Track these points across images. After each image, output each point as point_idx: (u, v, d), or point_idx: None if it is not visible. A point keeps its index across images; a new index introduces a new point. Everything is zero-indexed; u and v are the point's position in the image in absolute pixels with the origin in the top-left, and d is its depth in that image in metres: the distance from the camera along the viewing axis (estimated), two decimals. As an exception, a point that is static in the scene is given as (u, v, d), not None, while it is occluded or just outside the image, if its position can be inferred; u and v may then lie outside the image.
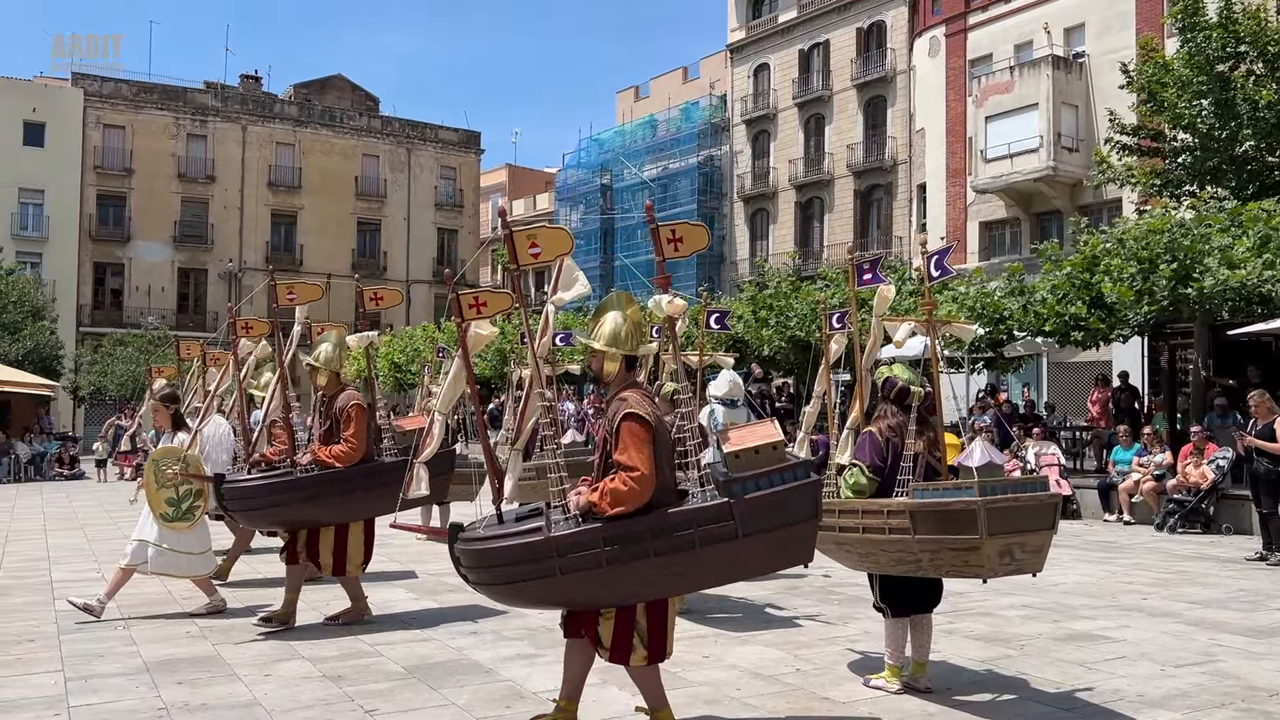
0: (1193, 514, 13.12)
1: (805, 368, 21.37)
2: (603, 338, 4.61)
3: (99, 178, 45.25)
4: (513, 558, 4.37)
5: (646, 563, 4.28)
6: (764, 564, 4.74)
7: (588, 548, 4.29)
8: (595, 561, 4.28)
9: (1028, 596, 8.29)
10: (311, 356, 7.32)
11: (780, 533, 4.38)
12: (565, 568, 4.30)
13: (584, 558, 4.28)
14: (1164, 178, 19.80)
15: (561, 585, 4.36)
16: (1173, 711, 5.15)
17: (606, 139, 49.56)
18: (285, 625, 7.07)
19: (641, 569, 4.30)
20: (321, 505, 7.09)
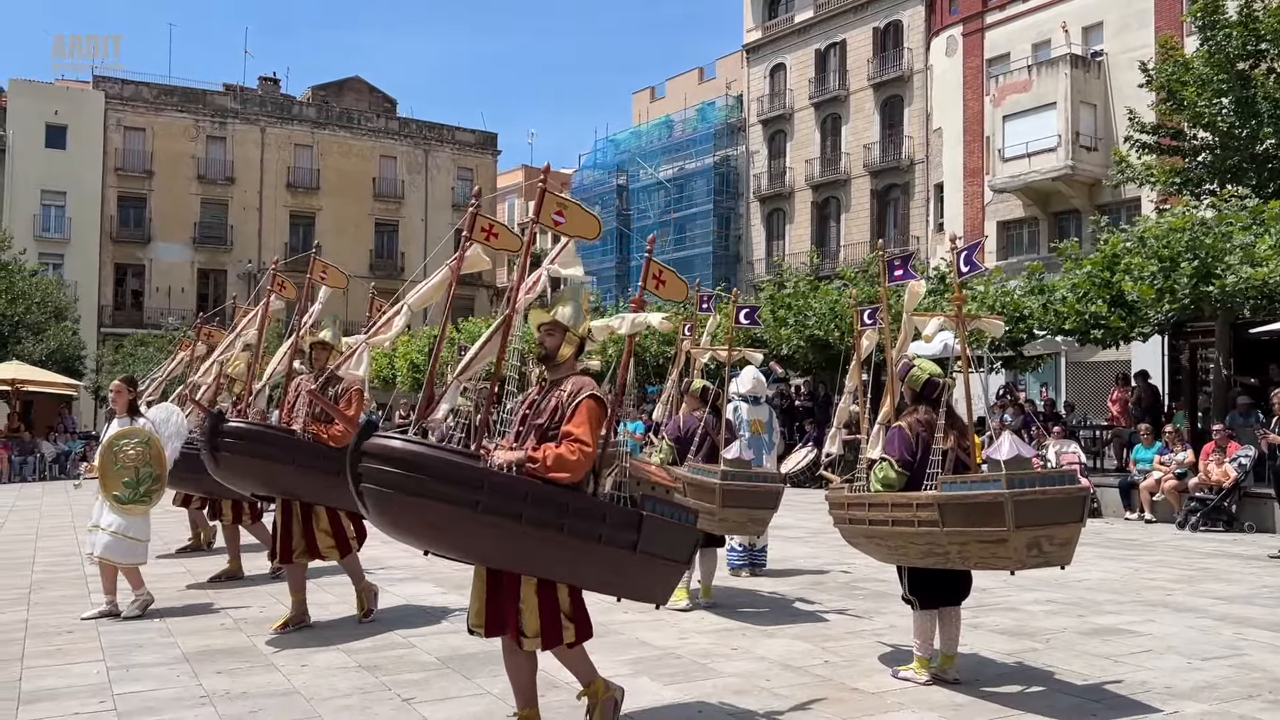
0: (1215, 512, 13.11)
1: (823, 367, 21.46)
2: (567, 316, 4.60)
3: (120, 179, 45.64)
4: (440, 471, 4.05)
5: (553, 536, 4.16)
6: (633, 586, 4.61)
7: (515, 497, 4.10)
8: (514, 513, 4.08)
9: (1051, 592, 8.33)
10: (324, 336, 7.29)
11: (661, 564, 4.47)
12: (485, 506, 4.05)
13: (507, 504, 4.08)
14: (1184, 176, 19.75)
15: (467, 523, 4.08)
16: (1201, 703, 5.19)
17: (622, 139, 49.67)
18: (301, 624, 7.02)
19: (547, 540, 4.17)
20: (311, 479, 6.83)
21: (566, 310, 4.63)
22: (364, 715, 5.00)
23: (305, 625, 7.02)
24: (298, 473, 6.81)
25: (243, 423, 7.16)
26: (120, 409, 7.73)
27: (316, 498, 7.00)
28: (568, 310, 4.63)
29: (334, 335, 7.36)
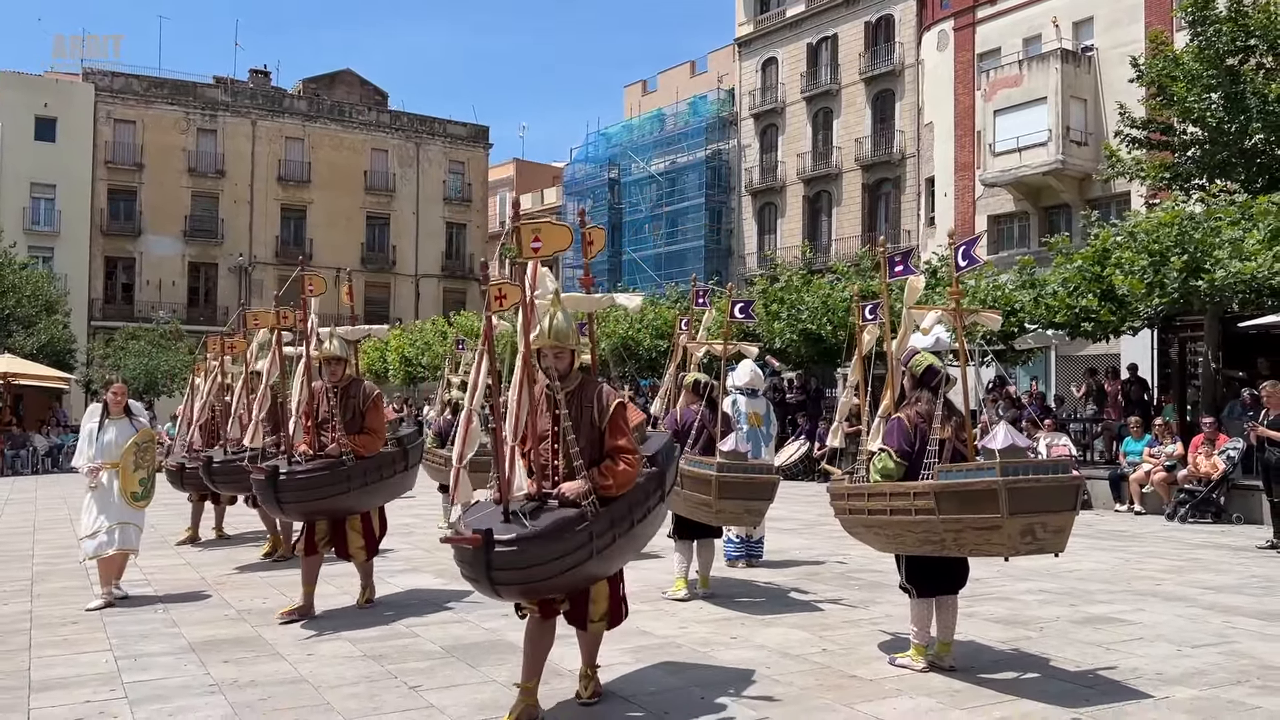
0: (1203, 504, 13.26)
1: (815, 361, 21.59)
2: (568, 335, 4.84)
3: (110, 172, 45.48)
4: (569, 544, 4.48)
5: (626, 534, 4.82)
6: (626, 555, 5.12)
7: (612, 526, 4.70)
8: (613, 538, 4.71)
9: (1043, 582, 8.46)
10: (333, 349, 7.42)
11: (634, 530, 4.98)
12: (599, 548, 4.61)
13: (609, 535, 4.68)
14: (1173, 171, 19.90)
15: (590, 565, 4.62)
16: (1192, 688, 5.31)
17: (614, 133, 49.65)
18: (306, 616, 7.10)
19: (625, 542, 4.85)
20: (368, 492, 7.29)
21: (563, 329, 4.83)
22: (372, 703, 5.08)
23: (310, 617, 7.10)
24: (354, 495, 7.20)
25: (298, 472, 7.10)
26: (120, 411, 7.86)
27: (365, 506, 7.38)
28: (564, 328, 4.83)
29: (342, 347, 7.51)
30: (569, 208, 52.10)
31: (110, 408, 7.87)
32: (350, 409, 7.32)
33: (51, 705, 5.04)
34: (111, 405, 7.89)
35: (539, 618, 4.82)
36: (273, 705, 5.03)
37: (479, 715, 4.87)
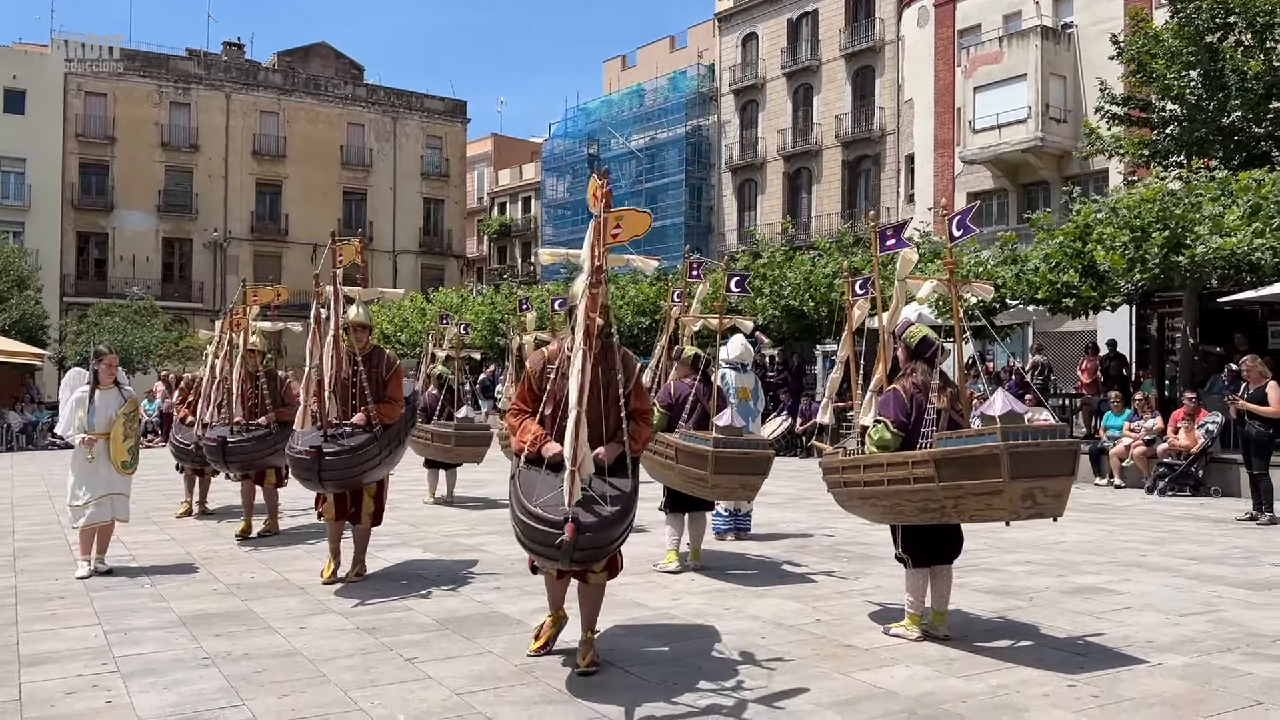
0: (1182, 477, 13.41)
1: (797, 337, 21.63)
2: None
3: (81, 146, 44.78)
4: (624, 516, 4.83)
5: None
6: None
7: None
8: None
9: (1030, 553, 8.53)
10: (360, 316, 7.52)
11: None
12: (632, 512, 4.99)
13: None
14: (1152, 148, 20.00)
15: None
16: (1183, 655, 5.37)
17: (593, 108, 49.37)
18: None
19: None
20: (389, 460, 7.45)
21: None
22: (369, 675, 5.05)
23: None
24: (383, 463, 7.36)
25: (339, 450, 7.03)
26: (110, 381, 7.77)
27: (384, 474, 7.55)
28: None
29: (365, 313, 7.59)
30: (547, 184, 51.84)
31: (101, 378, 7.73)
32: (374, 378, 7.38)
33: (43, 679, 4.98)
34: (104, 376, 7.76)
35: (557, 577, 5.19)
36: (268, 678, 4.99)
37: (476, 686, 4.85)
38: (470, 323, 22.26)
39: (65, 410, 7.72)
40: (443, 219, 53.78)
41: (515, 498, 4.79)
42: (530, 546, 4.74)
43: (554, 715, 4.43)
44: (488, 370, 29.85)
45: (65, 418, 7.70)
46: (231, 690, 4.78)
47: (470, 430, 11.83)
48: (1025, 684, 4.87)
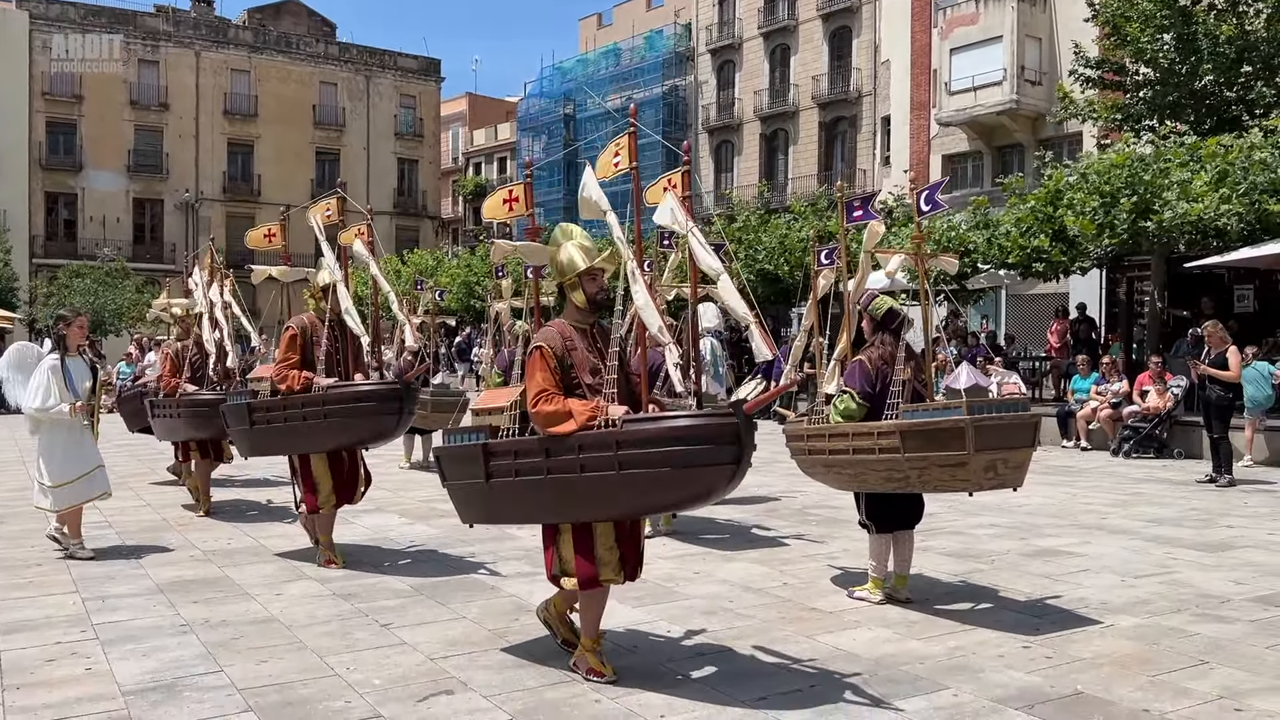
0: (1147, 440, 13.69)
1: (772, 301, 21.74)
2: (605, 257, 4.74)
3: (47, 104, 44.00)
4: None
5: None
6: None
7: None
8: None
9: (994, 517, 8.73)
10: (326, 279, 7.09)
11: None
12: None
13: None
14: (1124, 112, 20.14)
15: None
16: (1134, 616, 5.56)
17: (569, 67, 48.91)
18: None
19: None
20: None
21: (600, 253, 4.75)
22: (345, 640, 5.16)
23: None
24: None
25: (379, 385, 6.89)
26: (79, 345, 7.51)
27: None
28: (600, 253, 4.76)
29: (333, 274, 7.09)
30: (523, 144, 51.43)
31: (71, 341, 7.27)
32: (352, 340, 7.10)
33: (23, 647, 5.06)
34: (77, 339, 7.34)
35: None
36: (246, 644, 5.09)
37: (450, 651, 4.97)
38: (445, 286, 22.22)
39: (39, 381, 7.05)
40: (417, 180, 53.36)
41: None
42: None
43: (525, 679, 4.56)
44: (464, 333, 29.85)
45: (43, 389, 6.99)
46: (210, 657, 4.88)
47: (445, 396, 11.89)
48: (982, 645, 5.04)
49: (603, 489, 4.33)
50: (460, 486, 4.89)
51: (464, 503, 4.95)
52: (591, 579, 4.51)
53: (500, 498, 4.70)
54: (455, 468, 4.86)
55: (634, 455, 4.20)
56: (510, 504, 4.73)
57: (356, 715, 4.14)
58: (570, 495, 4.40)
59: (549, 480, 4.43)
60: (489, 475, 4.64)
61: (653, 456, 4.17)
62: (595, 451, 4.29)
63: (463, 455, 4.79)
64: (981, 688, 4.43)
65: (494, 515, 5.05)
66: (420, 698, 4.33)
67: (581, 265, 4.63)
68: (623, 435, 4.24)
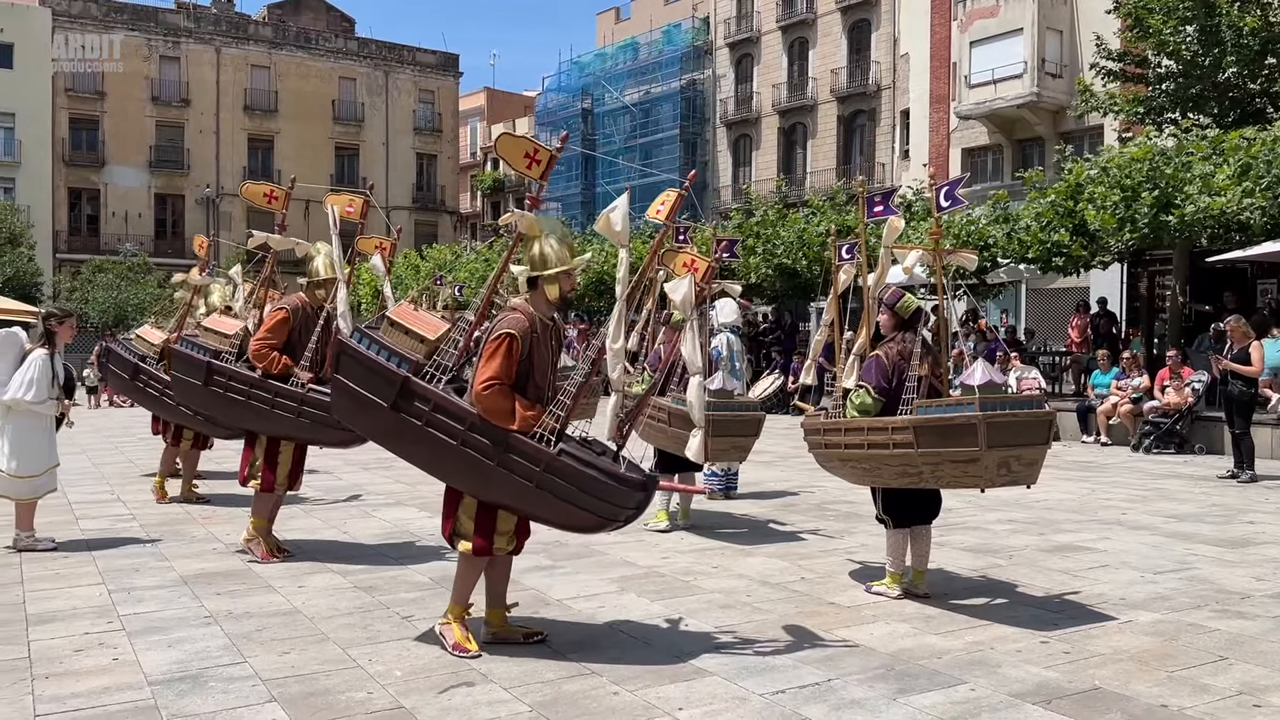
0: (1167, 435, 13.61)
1: (790, 295, 21.74)
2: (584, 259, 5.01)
3: (70, 100, 44.44)
4: None
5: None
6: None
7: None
8: None
9: (1013, 512, 8.71)
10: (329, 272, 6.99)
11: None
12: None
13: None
14: (1146, 105, 19.99)
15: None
16: (1153, 612, 5.56)
17: (587, 62, 48.93)
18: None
19: None
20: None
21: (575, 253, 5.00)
22: (366, 632, 5.22)
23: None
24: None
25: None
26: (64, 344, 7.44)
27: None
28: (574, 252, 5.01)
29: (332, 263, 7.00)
30: (541, 139, 51.32)
31: (59, 339, 7.31)
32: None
33: (51, 637, 5.14)
34: (65, 338, 7.39)
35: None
36: (269, 635, 5.16)
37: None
38: (464, 281, 22.31)
39: (31, 374, 7.01)
40: (435, 175, 53.54)
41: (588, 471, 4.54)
42: (616, 510, 4.62)
43: (544, 671, 4.60)
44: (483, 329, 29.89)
45: (36, 382, 7.00)
46: (234, 648, 4.95)
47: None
48: (1000, 640, 5.05)
49: (512, 488, 4.61)
50: (349, 391, 4.86)
51: (346, 406, 4.98)
52: (485, 549, 4.79)
53: (391, 429, 4.79)
54: (358, 373, 4.82)
55: (555, 482, 4.53)
56: (400, 441, 4.84)
57: (379, 706, 4.20)
58: (478, 476, 4.65)
59: (460, 451, 4.61)
60: (395, 407, 4.68)
61: (569, 490, 4.54)
62: (522, 459, 4.53)
63: (374, 369, 4.76)
64: (999, 683, 4.45)
65: (370, 433, 5.09)
66: (441, 689, 4.38)
67: (566, 264, 4.82)
68: (556, 463, 4.51)
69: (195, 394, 7.23)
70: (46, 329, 7.32)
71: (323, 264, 7.03)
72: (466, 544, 4.80)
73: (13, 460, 7.13)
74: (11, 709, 4.17)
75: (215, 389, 6.96)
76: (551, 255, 4.81)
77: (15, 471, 7.11)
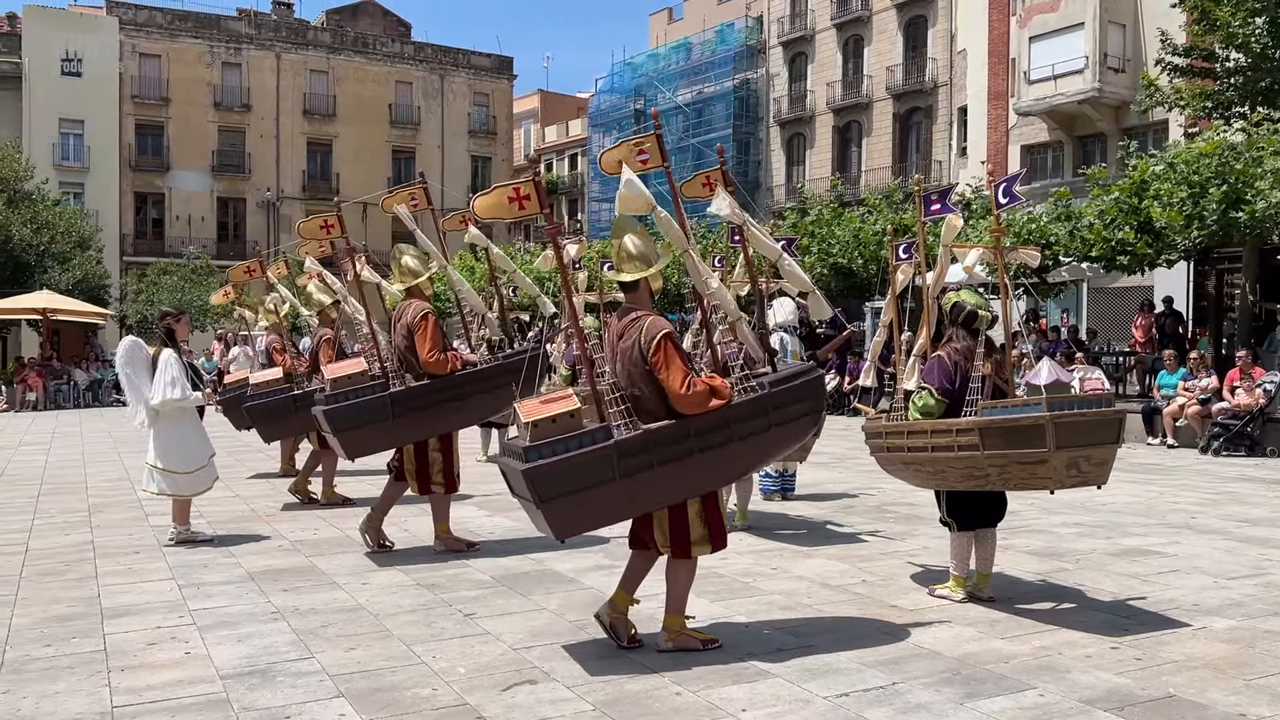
0: (1238, 437, 13.26)
1: (846, 295, 21.53)
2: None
3: (136, 107, 45.53)
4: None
5: None
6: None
7: None
8: None
9: (1078, 515, 8.55)
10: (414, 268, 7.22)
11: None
12: None
13: None
14: (1214, 99, 19.49)
15: None
16: (1229, 619, 5.42)
17: (640, 63, 49.00)
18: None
19: None
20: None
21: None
22: (430, 629, 5.28)
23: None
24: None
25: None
26: (181, 340, 7.76)
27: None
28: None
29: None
30: (594, 140, 51.65)
31: (178, 335, 7.64)
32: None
33: (125, 631, 5.27)
34: (183, 334, 7.72)
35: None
36: (335, 631, 5.24)
37: (534, 641, 5.06)
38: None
39: (172, 374, 7.35)
40: (490, 177, 53.83)
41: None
42: None
43: (607, 671, 4.62)
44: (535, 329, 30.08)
45: (177, 382, 7.35)
46: (301, 643, 5.03)
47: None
48: (1068, 645, 4.96)
49: (757, 450, 4.90)
50: (573, 496, 4.51)
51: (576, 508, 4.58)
52: (723, 542, 4.93)
53: (626, 494, 4.59)
54: (567, 475, 4.48)
55: (783, 413, 4.81)
56: (641, 498, 4.65)
57: (443, 702, 4.24)
58: (725, 466, 4.76)
59: (700, 459, 4.63)
60: (623, 475, 4.52)
61: (795, 410, 4.88)
62: (752, 419, 4.72)
63: (576, 465, 4.48)
64: (1068, 688, 4.36)
65: (617, 514, 4.80)
66: (504, 687, 4.42)
67: (666, 257, 4.91)
68: (773, 397, 4.76)
69: (380, 433, 7.05)
70: (165, 329, 7.65)
71: (413, 263, 7.19)
72: (706, 546, 4.82)
73: (167, 459, 7.43)
74: (89, 700, 4.29)
75: (404, 415, 6.92)
76: (659, 250, 4.89)
77: (175, 469, 7.43)
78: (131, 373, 7.46)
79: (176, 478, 7.44)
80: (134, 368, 7.48)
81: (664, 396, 4.63)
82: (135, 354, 7.56)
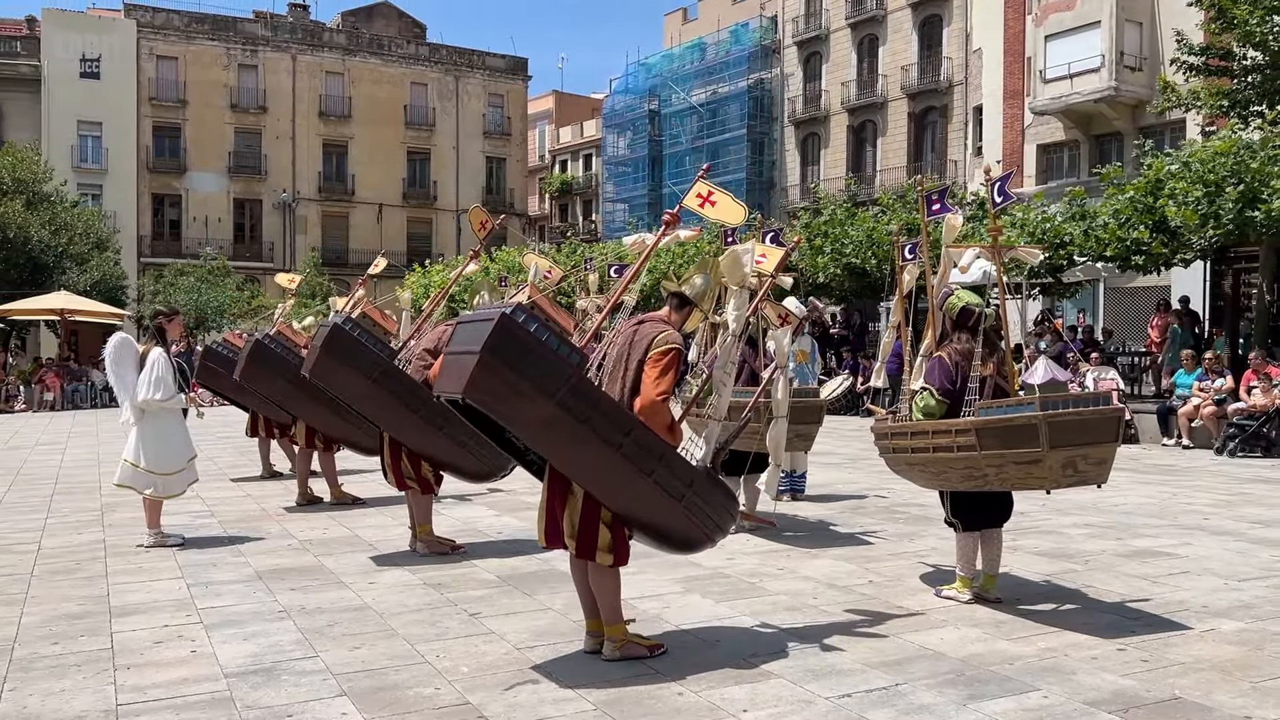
0: (1254, 438, 13.15)
1: (859, 295, 21.47)
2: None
3: (154, 109, 45.90)
4: None
5: None
6: None
7: None
8: None
9: (1089, 516, 8.50)
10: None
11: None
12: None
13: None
14: (1231, 99, 19.34)
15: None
16: (1237, 621, 5.37)
17: (654, 63, 49.01)
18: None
19: None
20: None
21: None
22: (435, 629, 5.29)
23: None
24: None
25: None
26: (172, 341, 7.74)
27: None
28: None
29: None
30: (609, 140, 51.71)
31: (170, 335, 7.60)
32: None
33: (132, 629, 5.30)
34: (175, 334, 7.70)
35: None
36: (341, 630, 5.26)
37: (537, 641, 5.06)
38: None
39: (156, 373, 7.28)
40: (504, 177, 54.09)
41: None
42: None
43: (609, 671, 4.61)
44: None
45: (161, 381, 7.28)
46: (306, 642, 5.05)
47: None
48: (1074, 647, 4.93)
49: (657, 503, 4.62)
50: (502, 375, 4.22)
51: (494, 389, 4.27)
52: (625, 559, 4.79)
53: (544, 420, 4.37)
54: (523, 358, 4.23)
55: (696, 502, 4.65)
56: (547, 432, 4.45)
57: (446, 701, 4.25)
58: (626, 486, 4.54)
59: (615, 458, 4.42)
60: (560, 402, 4.30)
61: (704, 510, 4.72)
62: (674, 475, 4.55)
63: (544, 357, 4.26)
64: (1073, 690, 4.34)
65: (510, 419, 4.50)
66: (507, 686, 4.42)
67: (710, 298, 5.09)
68: (705, 482, 4.69)
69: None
70: (157, 327, 7.58)
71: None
72: (609, 556, 4.65)
73: (145, 457, 7.39)
74: (95, 698, 4.32)
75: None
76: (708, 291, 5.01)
77: (151, 469, 7.38)
78: (119, 369, 7.38)
79: (154, 478, 7.39)
80: (122, 364, 7.39)
81: (634, 395, 4.57)
82: (123, 350, 7.48)
